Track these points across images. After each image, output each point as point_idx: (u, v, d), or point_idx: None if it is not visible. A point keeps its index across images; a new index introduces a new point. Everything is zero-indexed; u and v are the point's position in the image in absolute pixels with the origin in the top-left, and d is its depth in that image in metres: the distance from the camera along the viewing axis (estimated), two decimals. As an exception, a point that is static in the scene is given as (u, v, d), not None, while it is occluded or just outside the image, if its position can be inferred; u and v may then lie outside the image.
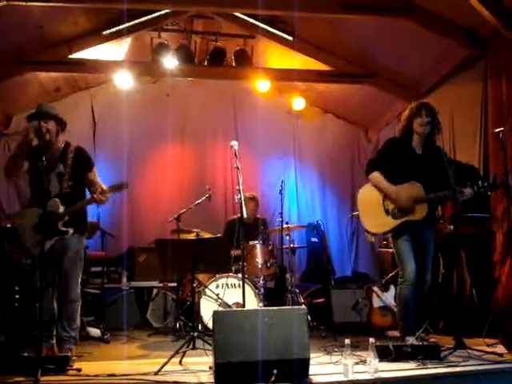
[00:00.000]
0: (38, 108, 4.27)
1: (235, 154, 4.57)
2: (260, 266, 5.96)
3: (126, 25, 6.30)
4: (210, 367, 3.62)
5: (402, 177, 4.38)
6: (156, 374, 3.62)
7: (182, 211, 6.14)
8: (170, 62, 6.72)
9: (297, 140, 8.63)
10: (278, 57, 7.45)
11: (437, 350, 3.87)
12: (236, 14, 6.50)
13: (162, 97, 8.05)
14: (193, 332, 4.31)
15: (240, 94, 8.33)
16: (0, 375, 3.45)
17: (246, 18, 6.57)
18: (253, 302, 5.48)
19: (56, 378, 3.52)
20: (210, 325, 3.91)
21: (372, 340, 3.52)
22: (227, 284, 5.60)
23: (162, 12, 6.33)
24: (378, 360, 3.47)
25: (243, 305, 4.37)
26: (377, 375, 3.41)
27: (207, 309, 5.42)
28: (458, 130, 6.20)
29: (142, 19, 6.37)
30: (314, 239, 7.84)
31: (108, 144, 7.88)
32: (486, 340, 4.41)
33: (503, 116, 5.33)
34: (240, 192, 4.42)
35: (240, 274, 5.26)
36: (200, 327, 5.40)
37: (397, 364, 3.70)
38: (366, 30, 6.32)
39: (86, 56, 6.73)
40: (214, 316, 3.51)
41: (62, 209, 4.12)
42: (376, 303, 5.78)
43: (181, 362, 3.98)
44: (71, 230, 4.13)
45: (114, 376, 3.54)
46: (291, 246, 6.34)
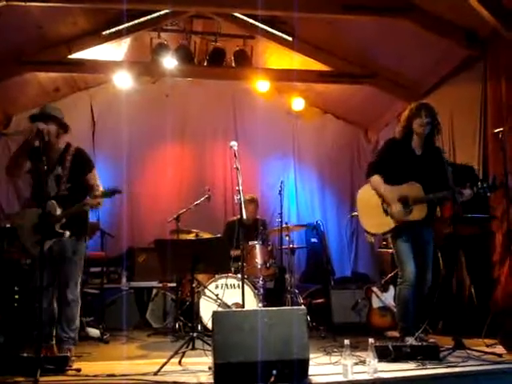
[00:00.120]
0: (40, 109, 4.27)
1: (235, 155, 4.56)
2: (259, 266, 5.96)
3: (126, 25, 6.30)
4: (210, 367, 3.62)
5: (402, 177, 4.37)
6: (155, 374, 3.62)
7: (181, 211, 6.13)
8: (170, 62, 6.72)
9: (296, 140, 8.63)
10: (278, 57, 7.45)
11: (436, 350, 3.87)
12: (235, 14, 6.50)
13: (161, 97, 8.05)
14: (192, 332, 4.31)
15: (239, 95, 8.33)
16: (-1, 375, 3.45)
17: (246, 18, 6.57)
18: (252, 303, 5.48)
19: (55, 378, 3.52)
20: (210, 325, 3.92)
21: (371, 340, 3.52)
22: (226, 284, 5.60)
23: (162, 12, 6.33)
24: (377, 360, 3.47)
25: (243, 305, 4.37)
26: (376, 375, 3.41)
27: (207, 309, 5.42)
28: (458, 131, 6.21)
29: (142, 19, 6.37)
30: (314, 240, 7.83)
31: (107, 144, 7.88)
32: (486, 340, 4.41)
33: (503, 116, 5.34)
34: (240, 192, 4.41)
35: (239, 275, 5.26)
36: (199, 327, 5.40)
37: (396, 364, 3.70)
38: (366, 31, 6.32)
39: (86, 56, 6.74)
40: (213, 316, 3.51)
41: (59, 211, 4.11)
42: (375, 304, 5.78)
43: (180, 362, 3.98)
44: (68, 232, 4.11)
45: (114, 376, 3.54)
46: (291, 246, 6.35)
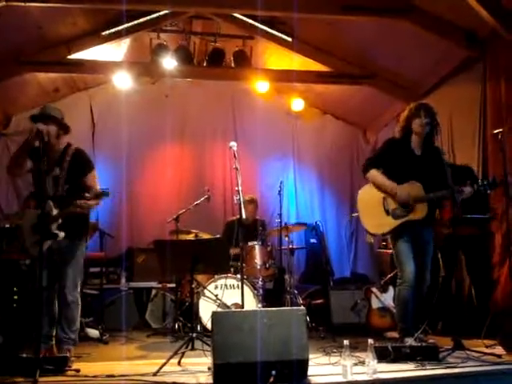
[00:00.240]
0: (41, 109, 4.27)
1: (234, 155, 4.56)
2: (259, 266, 5.96)
3: (125, 25, 6.30)
4: (209, 368, 3.62)
5: (402, 177, 4.37)
6: (155, 374, 3.62)
7: (180, 212, 6.13)
8: (169, 62, 6.72)
9: (296, 141, 8.63)
10: (277, 58, 7.45)
11: (435, 351, 3.87)
12: (235, 14, 6.50)
13: (161, 97, 8.04)
14: (191, 333, 4.30)
15: (239, 95, 8.33)
16: (-1, 376, 3.45)
17: (245, 18, 6.56)
18: (252, 303, 5.48)
19: (55, 378, 3.52)
20: (209, 325, 3.91)
21: (371, 341, 3.52)
22: (226, 285, 5.59)
23: (161, 13, 6.33)
24: (376, 361, 3.47)
25: (242, 306, 4.37)
26: (375, 376, 3.41)
27: (206, 309, 5.42)
28: (457, 131, 6.21)
29: (141, 20, 6.37)
30: (313, 240, 7.83)
31: (107, 145, 7.88)
32: (485, 341, 4.41)
33: (502, 117, 5.34)
34: (239, 193, 4.41)
35: (239, 275, 5.26)
36: (199, 328, 5.40)
37: (395, 365, 3.70)
38: (365, 31, 6.32)
39: (85, 57, 6.74)
40: (212, 317, 3.51)
41: (56, 212, 4.11)
42: (375, 304, 5.77)
43: (179, 362, 3.98)
44: (62, 233, 4.09)
45: (113, 377, 3.55)
46: (290, 246, 6.34)
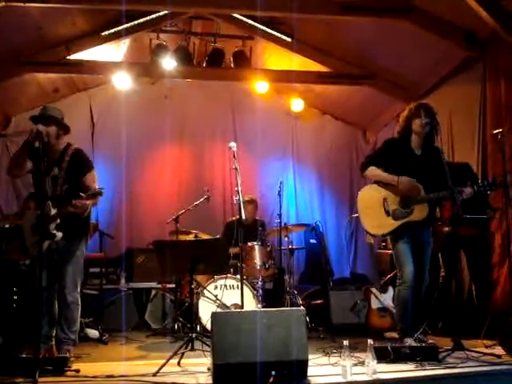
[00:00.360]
0: (41, 110, 4.26)
1: (234, 155, 4.57)
2: (258, 267, 5.95)
3: (125, 26, 6.30)
4: (209, 368, 3.62)
5: (401, 178, 4.37)
6: (154, 375, 3.62)
7: (180, 212, 6.13)
8: (169, 63, 6.72)
9: (295, 141, 8.63)
10: (277, 58, 7.46)
11: (435, 351, 3.87)
12: (234, 15, 6.50)
13: (160, 98, 8.05)
14: (191, 333, 4.30)
15: (238, 95, 8.33)
16: (-2, 376, 3.45)
17: (245, 19, 6.56)
18: (251, 304, 5.47)
19: (54, 379, 3.52)
20: (209, 326, 3.90)
21: (370, 341, 3.53)
22: (225, 285, 5.58)
23: (161, 13, 6.32)
24: (376, 361, 3.47)
25: (242, 306, 4.37)
26: (375, 376, 3.41)
27: (205, 310, 5.41)
28: (457, 132, 6.21)
29: (141, 20, 6.37)
30: (313, 240, 7.82)
31: (106, 145, 7.88)
32: (485, 341, 4.43)
33: (501, 117, 5.35)
34: (238, 193, 4.41)
35: (238, 275, 5.26)
36: (198, 328, 5.39)
37: (395, 365, 3.71)
38: (365, 32, 6.32)
39: (85, 57, 6.73)
40: (212, 317, 3.51)
41: (54, 212, 4.10)
42: (374, 304, 5.78)
43: (179, 363, 3.98)
44: (60, 233, 4.09)
45: (113, 377, 3.55)
46: (290, 247, 6.34)
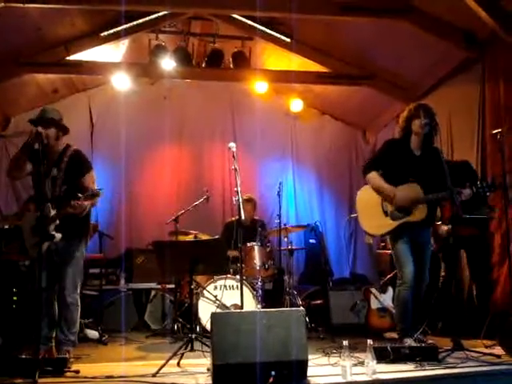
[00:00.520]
0: (40, 113, 4.26)
1: (233, 156, 4.57)
2: (258, 267, 5.95)
3: (124, 26, 6.30)
4: (208, 369, 3.62)
5: (401, 178, 4.37)
6: (154, 375, 3.62)
7: (179, 213, 6.13)
8: (168, 63, 6.72)
9: (294, 141, 8.63)
10: (276, 58, 7.46)
11: (435, 351, 3.88)
12: (234, 15, 6.51)
13: (159, 98, 8.04)
14: (191, 334, 4.29)
15: (238, 96, 8.33)
16: (-2, 377, 3.45)
17: (244, 19, 6.56)
18: (251, 304, 5.46)
19: (54, 379, 3.52)
20: (208, 326, 3.90)
21: (370, 341, 3.53)
22: (225, 286, 5.58)
23: (160, 14, 6.32)
24: (376, 361, 3.47)
25: (241, 306, 4.36)
26: (375, 377, 3.41)
27: (205, 310, 5.41)
28: (456, 132, 6.21)
29: (140, 21, 6.37)
30: (312, 241, 7.83)
31: (106, 145, 7.88)
32: (484, 341, 4.43)
33: (501, 118, 5.36)
34: (238, 194, 4.41)
35: (238, 276, 5.26)
36: (198, 329, 5.39)
37: (395, 365, 3.71)
38: (364, 32, 6.33)
39: (84, 57, 6.73)
40: (211, 318, 3.51)
41: (53, 213, 4.10)
42: (374, 305, 5.78)
43: (179, 363, 3.98)
44: (59, 234, 4.09)
45: (112, 378, 3.55)
46: (289, 247, 6.34)
